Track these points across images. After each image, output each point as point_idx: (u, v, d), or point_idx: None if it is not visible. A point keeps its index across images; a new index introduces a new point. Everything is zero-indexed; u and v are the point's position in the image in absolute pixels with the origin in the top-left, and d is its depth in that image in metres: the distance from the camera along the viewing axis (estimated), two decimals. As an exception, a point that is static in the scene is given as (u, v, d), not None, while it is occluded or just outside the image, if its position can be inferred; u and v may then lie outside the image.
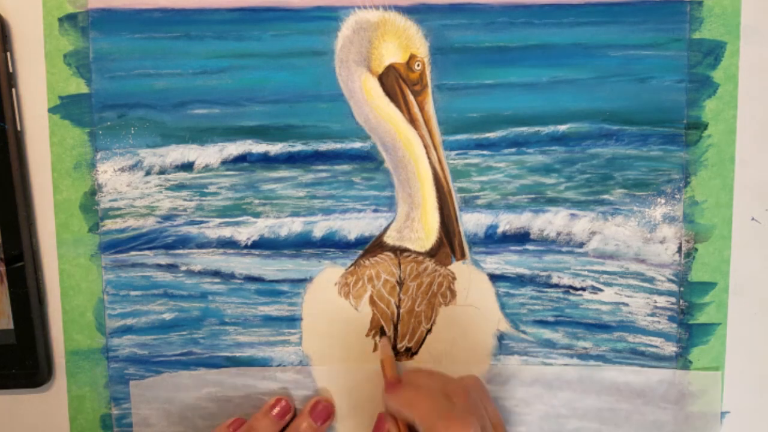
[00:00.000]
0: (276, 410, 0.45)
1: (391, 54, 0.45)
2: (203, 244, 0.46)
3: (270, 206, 0.46)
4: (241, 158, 0.46)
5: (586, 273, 0.47)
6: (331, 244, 0.46)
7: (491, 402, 0.42)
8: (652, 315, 0.47)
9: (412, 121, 0.46)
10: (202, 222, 0.46)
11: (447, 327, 0.46)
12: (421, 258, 0.46)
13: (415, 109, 0.45)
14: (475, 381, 0.43)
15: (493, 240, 0.46)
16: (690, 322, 0.47)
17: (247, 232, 0.46)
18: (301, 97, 0.45)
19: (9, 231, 0.45)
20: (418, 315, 0.47)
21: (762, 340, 0.47)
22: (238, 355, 0.47)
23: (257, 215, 0.46)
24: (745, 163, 0.46)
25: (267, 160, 0.46)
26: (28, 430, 0.47)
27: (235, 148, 0.45)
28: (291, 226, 0.46)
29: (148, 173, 0.46)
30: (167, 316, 0.46)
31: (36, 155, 0.45)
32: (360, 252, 0.46)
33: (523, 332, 0.47)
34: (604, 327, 0.47)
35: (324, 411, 0.46)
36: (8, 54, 0.44)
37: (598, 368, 0.47)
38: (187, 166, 0.46)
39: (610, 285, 0.47)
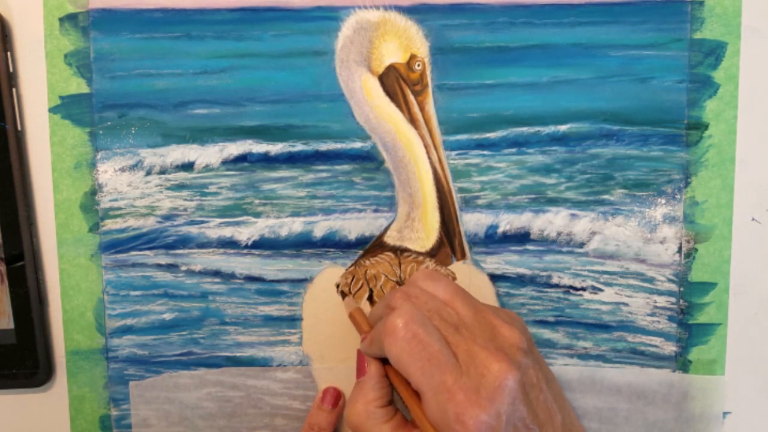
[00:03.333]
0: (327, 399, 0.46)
1: (391, 54, 0.45)
2: (203, 244, 0.46)
3: (270, 206, 0.46)
4: (242, 158, 0.46)
5: (586, 273, 0.47)
6: (332, 244, 0.46)
7: (440, 281, 0.39)
8: (652, 315, 0.47)
9: (413, 121, 0.46)
10: (202, 222, 0.46)
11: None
12: (421, 258, 0.46)
13: (416, 109, 0.45)
14: (418, 274, 0.40)
15: (494, 240, 0.46)
16: (690, 322, 0.47)
17: (247, 232, 0.46)
18: (302, 97, 0.45)
19: (9, 230, 0.45)
20: (418, 315, 0.46)
21: (762, 340, 0.47)
22: (238, 355, 0.47)
23: (258, 215, 0.46)
24: (745, 164, 0.46)
25: (267, 160, 0.46)
26: (28, 430, 0.47)
27: (235, 148, 0.45)
28: (291, 226, 0.46)
29: (148, 173, 0.46)
30: (167, 316, 0.46)
31: (36, 155, 0.45)
32: (360, 252, 0.46)
33: (524, 332, 0.47)
34: (604, 327, 0.47)
35: (333, 395, 0.46)
36: (9, 54, 0.44)
37: (598, 368, 0.47)
38: (188, 166, 0.46)
39: (610, 285, 0.47)
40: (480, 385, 0.34)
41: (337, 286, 0.46)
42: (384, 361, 0.40)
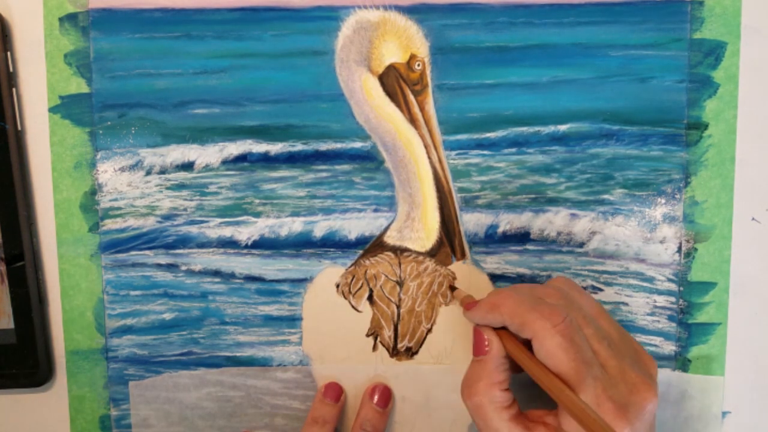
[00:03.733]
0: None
1: (391, 54, 0.45)
2: (203, 244, 0.46)
3: (270, 206, 0.46)
4: (242, 158, 0.46)
5: (586, 273, 0.47)
6: (332, 244, 0.46)
7: (586, 295, 0.41)
8: (652, 314, 0.47)
9: (413, 120, 0.46)
10: (202, 222, 0.46)
11: (447, 327, 0.46)
12: (421, 258, 0.46)
13: (416, 109, 0.45)
14: (565, 279, 0.42)
15: (494, 240, 0.46)
16: (690, 322, 0.47)
17: (247, 231, 0.46)
18: (302, 97, 0.45)
19: (9, 230, 0.45)
20: (418, 315, 0.47)
21: (762, 340, 0.47)
22: (238, 354, 0.47)
23: (257, 215, 0.46)
24: (745, 163, 0.46)
25: (267, 160, 0.46)
26: (28, 430, 0.47)
27: (235, 148, 0.45)
28: (291, 225, 0.46)
29: (148, 173, 0.46)
30: (167, 316, 0.46)
31: (36, 155, 0.45)
32: (360, 252, 0.46)
33: (524, 332, 0.47)
34: (604, 327, 0.47)
35: (384, 394, 0.46)
36: (9, 53, 0.44)
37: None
38: (188, 166, 0.46)
39: (610, 285, 0.47)
40: (629, 402, 0.36)
41: (337, 285, 0.46)
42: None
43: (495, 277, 0.46)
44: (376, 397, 0.46)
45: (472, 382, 0.39)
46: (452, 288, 0.46)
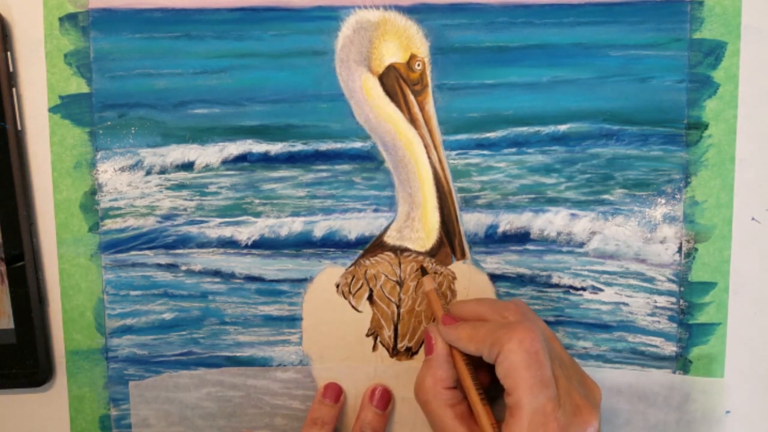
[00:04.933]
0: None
1: (391, 54, 0.45)
2: (203, 244, 0.46)
3: (270, 206, 0.46)
4: (242, 158, 0.46)
5: (586, 273, 0.47)
6: (332, 244, 0.46)
7: (539, 318, 0.42)
8: (652, 315, 0.47)
9: (413, 120, 0.46)
10: (202, 222, 0.46)
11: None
12: (421, 258, 0.46)
13: (416, 109, 0.45)
14: (520, 302, 0.43)
15: (494, 240, 0.46)
16: (690, 322, 0.47)
17: (247, 231, 0.46)
18: (302, 97, 0.45)
19: (9, 230, 0.45)
20: (418, 315, 0.47)
21: (762, 340, 0.47)
22: (238, 354, 0.47)
23: (257, 215, 0.46)
24: (745, 163, 0.46)
25: (267, 160, 0.46)
26: (28, 430, 0.47)
27: (235, 148, 0.45)
28: (291, 225, 0.46)
29: (148, 173, 0.46)
30: (167, 316, 0.46)
31: (36, 155, 0.45)
32: (360, 252, 0.46)
33: (524, 332, 0.47)
34: (604, 327, 0.47)
35: (383, 396, 0.46)
36: (9, 53, 0.44)
37: (598, 369, 0.47)
38: (188, 166, 0.46)
39: (610, 285, 0.47)
40: (572, 423, 0.37)
41: (337, 285, 0.46)
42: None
43: (495, 277, 0.46)
44: (375, 399, 0.46)
45: (420, 380, 0.41)
46: (423, 271, 0.46)
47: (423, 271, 0.46)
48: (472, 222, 0.46)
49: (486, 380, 0.41)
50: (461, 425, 0.39)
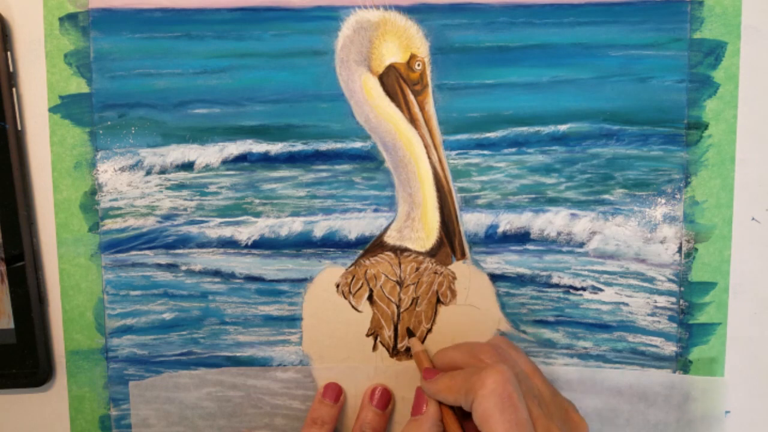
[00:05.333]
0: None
1: (391, 54, 0.45)
2: (203, 244, 0.46)
3: (270, 206, 0.46)
4: (242, 158, 0.46)
5: (586, 273, 0.47)
6: (332, 244, 0.46)
7: (522, 353, 0.42)
8: (653, 315, 0.47)
9: (413, 120, 0.46)
10: (202, 222, 0.46)
11: (447, 327, 0.46)
12: (421, 258, 0.46)
13: (416, 109, 0.45)
14: (498, 339, 0.43)
15: (494, 240, 0.46)
16: (690, 322, 0.47)
17: (247, 231, 0.46)
18: (302, 97, 0.45)
19: (9, 230, 0.45)
20: (418, 315, 0.47)
21: (762, 340, 0.47)
22: (238, 354, 0.47)
23: (257, 215, 0.46)
24: (745, 163, 0.46)
25: (267, 160, 0.46)
26: (28, 430, 0.47)
27: (235, 148, 0.45)
28: (291, 225, 0.46)
29: (148, 173, 0.46)
30: (167, 316, 0.46)
31: (36, 155, 0.45)
32: (360, 252, 0.46)
33: (524, 332, 0.47)
34: (604, 327, 0.47)
35: (383, 396, 0.46)
36: (9, 53, 0.44)
37: (599, 369, 0.47)
38: (188, 166, 0.46)
39: (610, 285, 0.47)
40: None
41: (337, 285, 0.46)
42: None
43: (495, 277, 0.46)
44: (375, 399, 0.46)
45: None
46: (410, 333, 0.46)
47: (410, 333, 0.46)
48: (472, 222, 0.46)
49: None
50: None
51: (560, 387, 0.47)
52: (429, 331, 0.47)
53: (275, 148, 0.46)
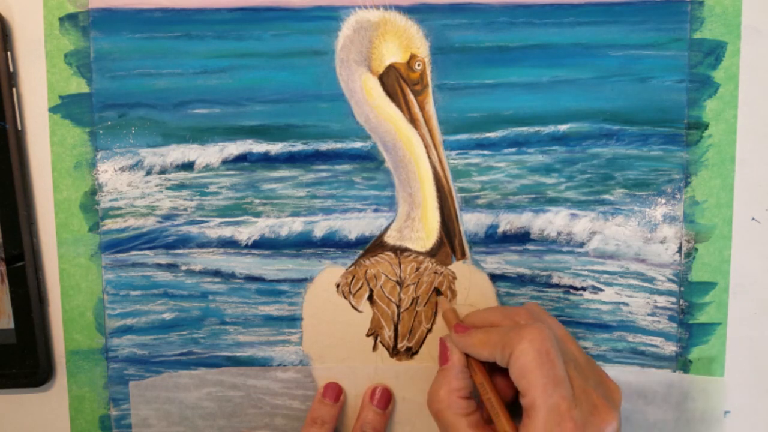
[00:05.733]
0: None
1: (391, 54, 0.45)
2: (203, 244, 0.46)
3: (270, 206, 0.46)
4: (242, 158, 0.46)
5: (586, 273, 0.47)
6: (332, 244, 0.46)
7: (555, 319, 0.42)
8: (653, 315, 0.47)
9: (413, 120, 0.46)
10: (202, 222, 0.46)
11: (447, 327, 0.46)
12: (421, 258, 0.46)
13: (416, 109, 0.45)
14: (535, 305, 0.43)
15: (494, 240, 0.46)
16: (690, 322, 0.47)
17: (247, 231, 0.46)
18: (302, 97, 0.45)
19: (9, 230, 0.45)
20: (418, 315, 0.47)
21: (762, 340, 0.47)
22: (238, 354, 0.47)
23: (258, 215, 0.46)
24: (745, 163, 0.46)
25: (267, 160, 0.46)
26: (28, 430, 0.47)
27: (235, 148, 0.45)
28: (291, 225, 0.46)
29: (148, 173, 0.46)
30: (167, 316, 0.46)
31: (36, 154, 0.45)
32: (360, 252, 0.46)
33: (524, 332, 0.47)
34: (604, 327, 0.47)
35: (384, 396, 0.46)
36: (9, 53, 0.44)
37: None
38: (188, 166, 0.46)
39: (610, 285, 0.47)
40: (588, 422, 0.36)
41: (337, 285, 0.46)
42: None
43: (495, 277, 0.46)
44: (376, 399, 0.46)
45: (435, 390, 0.41)
46: (438, 292, 0.46)
47: (437, 292, 0.46)
48: (472, 222, 0.46)
49: (503, 390, 0.41)
50: None
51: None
52: (429, 331, 0.47)
53: (275, 148, 0.46)
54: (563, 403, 0.36)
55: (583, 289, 0.47)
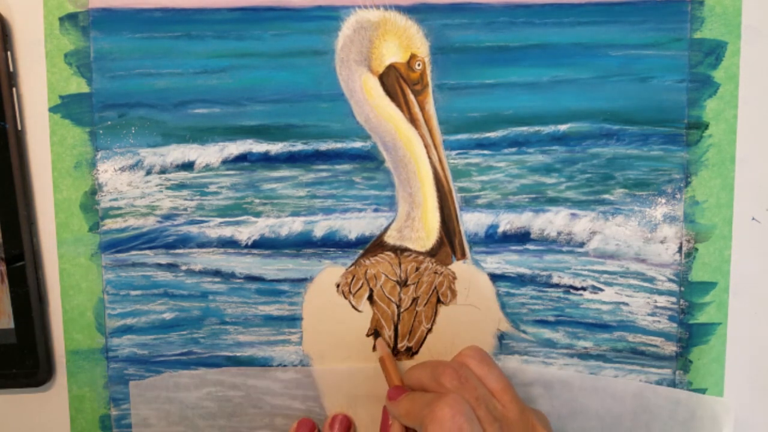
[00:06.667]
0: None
1: (391, 53, 0.45)
2: (204, 244, 0.46)
3: (270, 206, 0.46)
4: (242, 158, 0.46)
5: (586, 273, 0.47)
6: (332, 244, 0.46)
7: (493, 368, 0.41)
8: (653, 315, 0.47)
9: (413, 120, 0.46)
10: (202, 221, 0.46)
11: (447, 327, 0.46)
12: (421, 257, 0.46)
13: (416, 109, 0.45)
14: (471, 352, 0.41)
15: (494, 240, 0.46)
16: (690, 322, 0.47)
17: (247, 231, 0.46)
18: (302, 97, 0.45)
19: (9, 230, 0.45)
20: (418, 315, 0.47)
21: (762, 340, 0.47)
22: (238, 354, 0.47)
23: (258, 215, 0.46)
24: (745, 163, 0.46)
25: (267, 160, 0.46)
26: (28, 430, 0.47)
27: (235, 148, 0.45)
28: (291, 225, 0.46)
29: (148, 173, 0.46)
30: (167, 316, 0.46)
31: (36, 154, 0.45)
32: (360, 252, 0.46)
33: (524, 332, 0.47)
34: (604, 327, 0.47)
35: (343, 425, 0.46)
36: (9, 53, 0.44)
37: (598, 369, 0.47)
38: (188, 166, 0.46)
39: (610, 285, 0.47)
40: None
41: (338, 285, 0.46)
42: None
43: (495, 277, 0.46)
44: (335, 426, 0.46)
45: None
46: (376, 333, 0.46)
47: (376, 334, 0.46)
48: (472, 222, 0.46)
49: None
50: None
51: (560, 387, 0.47)
52: (429, 331, 0.47)
53: (275, 147, 0.46)
54: None
55: (583, 289, 0.47)
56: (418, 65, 0.45)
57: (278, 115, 0.45)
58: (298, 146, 0.46)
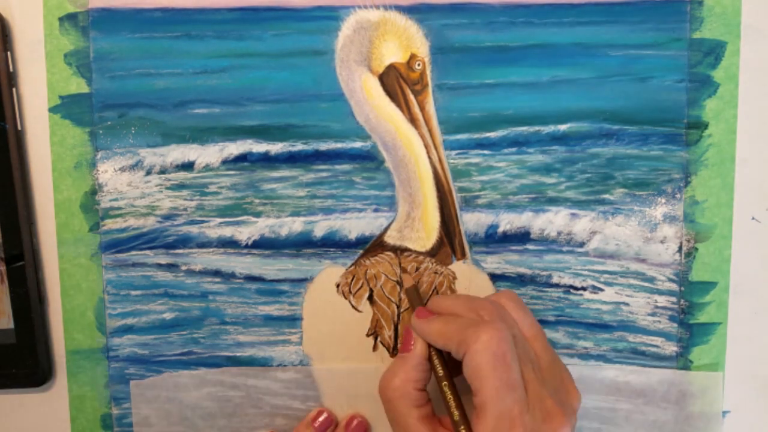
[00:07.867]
0: (319, 421, 0.46)
1: (391, 53, 0.45)
2: (204, 244, 0.46)
3: (270, 206, 0.46)
4: (242, 158, 0.46)
5: (586, 273, 0.47)
6: (332, 244, 0.46)
7: (527, 314, 0.40)
8: (653, 315, 0.47)
9: (413, 120, 0.46)
10: (202, 221, 0.46)
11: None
12: (421, 258, 0.46)
13: (416, 109, 0.45)
14: (508, 295, 0.41)
15: (494, 239, 0.46)
16: (690, 322, 0.47)
17: (247, 231, 0.46)
18: (302, 97, 0.45)
19: (9, 230, 0.45)
20: (418, 315, 0.46)
21: (762, 340, 0.47)
22: (238, 354, 0.47)
23: (258, 215, 0.46)
24: (745, 163, 0.46)
25: (267, 160, 0.46)
26: (28, 430, 0.47)
27: (235, 148, 0.46)
28: (291, 225, 0.46)
29: (148, 173, 0.46)
30: (168, 316, 0.46)
31: (36, 155, 0.45)
32: (360, 252, 0.46)
33: (524, 332, 0.47)
34: (604, 327, 0.47)
35: (359, 427, 0.46)
36: (9, 53, 0.44)
37: (598, 367, 0.47)
38: (188, 166, 0.46)
39: (610, 285, 0.47)
40: (540, 429, 0.36)
41: (338, 285, 0.46)
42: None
43: (495, 277, 0.46)
44: (351, 428, 0.46)
45: (389, 377, 0.40)
46: (399, 284, 0.46)
47: (403, 271, 0.46)
48: (472, 222, 0.46)
49: (457, 374, 0.40)
50: (425, 427, 0.38)
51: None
52: (429, 330, 0.47)
53: (275, 148, 0.46)
54: (515, 408, 0.35)
55: (584, 288, 0.47)
56: (418, 65, 0.45)
57: (278, 115, 0.45)
58: (298, 146, 0.46)
